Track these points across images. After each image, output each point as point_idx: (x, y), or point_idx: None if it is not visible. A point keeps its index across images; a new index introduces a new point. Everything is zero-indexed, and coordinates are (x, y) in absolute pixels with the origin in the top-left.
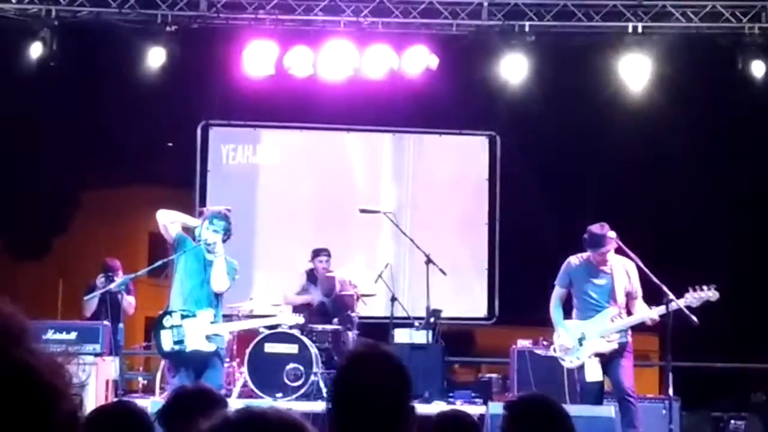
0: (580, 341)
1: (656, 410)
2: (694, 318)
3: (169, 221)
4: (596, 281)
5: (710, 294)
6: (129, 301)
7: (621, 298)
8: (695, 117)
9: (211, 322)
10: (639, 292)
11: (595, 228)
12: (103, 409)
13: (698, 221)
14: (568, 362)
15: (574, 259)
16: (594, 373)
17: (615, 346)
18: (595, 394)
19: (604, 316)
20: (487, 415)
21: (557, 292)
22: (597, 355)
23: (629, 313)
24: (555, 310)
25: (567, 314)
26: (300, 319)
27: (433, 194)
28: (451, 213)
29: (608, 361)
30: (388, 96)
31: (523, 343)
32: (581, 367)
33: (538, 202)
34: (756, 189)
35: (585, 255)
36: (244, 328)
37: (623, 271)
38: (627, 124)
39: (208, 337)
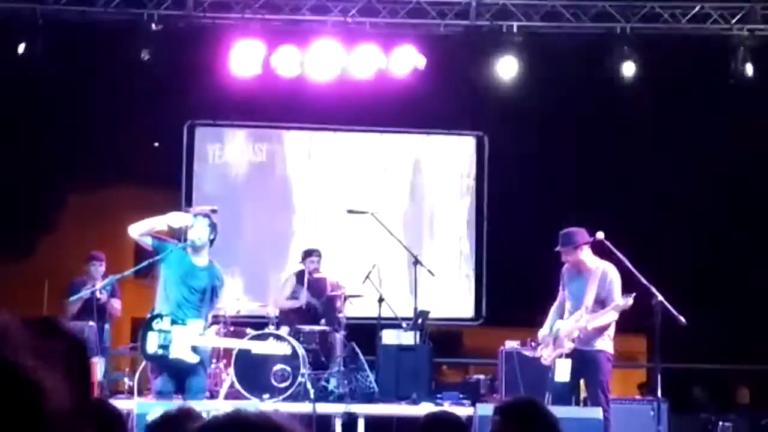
0: (555, 339)
1: (644, 412)
2: (682, 318)
3: (138, 234)
4: (574, 284)
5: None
6: (113, 305)
7: (589, 302)
8: (684, 117)
9: (200, 334)
10: (614, 301)
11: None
12: None
13: (685, 221)
14: (544, 357)
15: (567, 263)
16: (562, 373)
17: (571, 345)
18: (561, 394)
19: (572, 318)
20: (475, 416)
21: (559, 294)
22: (567, 356)
23: None
24: (552, 310)
25: None
26: (288, 350)
27: (421, 194)
28: (439, 213)
29: (584, 371)
30: (376, 96)
31: (511, 344)
32: (552, 366)
33: (525, 203)
34: (749, 190)
35: None
36: (232, 346)
37: (598, 276)
38: (614, 124)
39: (194, 348)
